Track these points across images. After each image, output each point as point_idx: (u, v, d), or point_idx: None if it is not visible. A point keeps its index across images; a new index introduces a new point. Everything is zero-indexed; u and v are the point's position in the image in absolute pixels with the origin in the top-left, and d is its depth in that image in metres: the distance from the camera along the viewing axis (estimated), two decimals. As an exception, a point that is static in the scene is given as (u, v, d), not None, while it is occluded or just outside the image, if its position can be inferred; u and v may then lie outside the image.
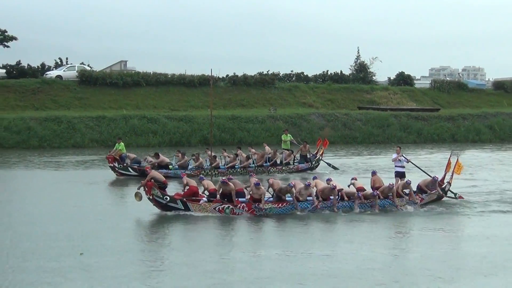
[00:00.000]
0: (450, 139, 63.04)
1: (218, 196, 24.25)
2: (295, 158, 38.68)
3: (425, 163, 38.93)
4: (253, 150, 38.41)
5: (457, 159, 27.33)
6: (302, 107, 66.49)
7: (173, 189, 27.10)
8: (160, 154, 36.62)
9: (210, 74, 40.00)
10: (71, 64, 71.80)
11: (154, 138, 54.72)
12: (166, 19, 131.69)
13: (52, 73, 67.97)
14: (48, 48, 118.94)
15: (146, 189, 23.60)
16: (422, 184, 26.64)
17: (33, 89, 62.31)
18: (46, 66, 74.56)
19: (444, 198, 27.06)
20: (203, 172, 34.58)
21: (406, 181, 26.10)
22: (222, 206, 23.85)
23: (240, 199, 24.25)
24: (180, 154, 36.60)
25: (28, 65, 72.34)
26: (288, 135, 41.31)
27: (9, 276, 16.65)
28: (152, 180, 24.06)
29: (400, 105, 70.26)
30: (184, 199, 23.95)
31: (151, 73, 68.01)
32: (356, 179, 27.02)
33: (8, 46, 70.26)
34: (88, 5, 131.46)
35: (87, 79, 64.65)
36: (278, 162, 37.74)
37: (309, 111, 64.70)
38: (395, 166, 29.42)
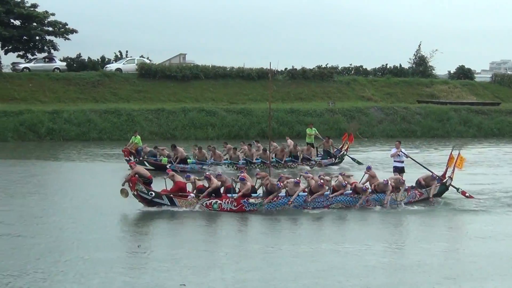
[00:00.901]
0: (511, 133, 61.86)
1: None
2: (318, 153, 38.32)
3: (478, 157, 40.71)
4: (275, 144, 37.36)
5: (459, 153, 27.32)
6: (361, 101, 65.99)
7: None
8: (177, 147, 36.27)
9: (269, 68, 40.15)
10: (131, 57, 72.48)
11: (212, 131, 54.78)
12: (225, 13, 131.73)
13: (112, 66, 68.64)
14: (108, 41, 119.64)
15: (131, 184, 23.37)
16: (422, 179, 26.60)
17: (93, 82, 62.86)
18: (106, 59, 75.19)
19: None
20: (221, 166, 34.57)
21: (400, 179, 25.74)
22: (210, 201, 23.63)
23: (228, 194, 24.08)
24: (197, 149, 36.08)
25: (89, 58, 73.15)
26: (313, 129, 40.87)
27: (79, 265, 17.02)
28: (137, 175, 23.78)
29: (460, 99, 68.84)
30: (171, 195, 23.76)
31: (210, 66, 68.14)
32: (344, 174, 26.57)
33: (68, 39, 69.66)
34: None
35: (147, 72, 65.12)
36: (300, 156, 36.84)
37: (368, 105, 64.14)
38: (394, 161, 29.00)
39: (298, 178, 25.22)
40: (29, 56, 69.08)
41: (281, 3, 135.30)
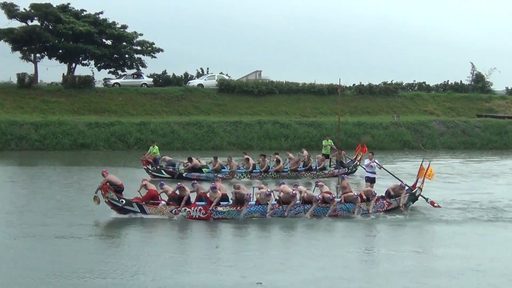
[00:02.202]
0: None
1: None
2: (331, 163, 38.14)
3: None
4: (291, 155, 37.80)
5: (429, 164, 26.66)
6: (424, 115, 67.12)
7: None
8: (193, 159, 36.17)
9: (338, 84, 41.80)
10: (211, 73, 73.58)
11: (285, 142, 56.19)
12: (298, 33, 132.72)
13: (194, 82, 70.52)
14: (191, 58, 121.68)
15: (103, 192, 23.16)
16: (391, 189, 25.84)
17: (177, 96, 64.91)
18: (189, 75, 76.51)
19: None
20: (236, 176, 34.56)
21: (372, 192, 24.97)
22: (178, 208, 23.07)
23: (198, 202, 23.50)
24: (213, 159, 36.02)
25: (173, 74, 75.03)
26: (329, 140, 40.83)
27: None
28: (108, 183, 23.37)
29: (517, 114, 69.51)
30: (141, 202, 23.43)
31: (284, 82, 69.47)
32: (320, 183, 25.66)
33: (155, 57, 72.35)
34: (227, 18, 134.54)
35: (226, 87, 66.82)
36: (313, 167, 36.81)
37: (430, 118, 65.37)
38: (367, 171, 28.73)
39: (269, 190, 24.03)
40: (119, 72, 71.89)
41: (349, 23, 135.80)
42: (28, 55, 68.15)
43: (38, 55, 68.70)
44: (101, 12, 70.15)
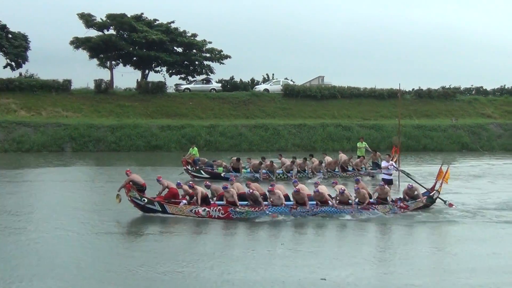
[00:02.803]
0: None
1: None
2: (368, 165, 37.68)
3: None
4: (327, 157, 37.74)
5: (448, 168, 26.26)
6: (481, 118, 66.91)
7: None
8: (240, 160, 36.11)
9: (398, 88, 42.34)
10: (277, 79, 74.28)
11: (347, 143, 56.37)
12: (359, 37, 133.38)
13: (260, 87, 71.54)
14: (257, 65, 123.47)
15: (126, 190, 23.10)
16: (405, 191, 25.26)
17: (244, 100, 66.03)
18: (255, 81, 77.67)
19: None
20: (272, 176, 34.38)
21: (387, 192, 24.39)
22: (198, 208, 22.85)
23: (217, 202, 23.40)
24: (250, 160, 36.18)
25: (240, 80, 76.56)
26: (364, 143, 40.53)
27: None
28: (131, 182, 23.31)
29: None
30: (162, 201, 23.24)
31: (346, 87, 70.01)
32: (336, 183, 25.77)
33: (223, 64, 73.17)
34: (291, 27, 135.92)
35: (290, 92, 67.49)
36: (350, 168, 36.62)
37: (488, 121, 65.20)
38: (383, 173, 28.47)
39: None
40: (190, 78, 73.04)
41: (409, 29, 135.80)
42: (105, 62, 70.07)
43: (114, 62, 70.64)
44: (173, 21, 71.20)
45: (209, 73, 72.95)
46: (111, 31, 69.79)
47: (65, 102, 61.44)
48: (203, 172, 35.45)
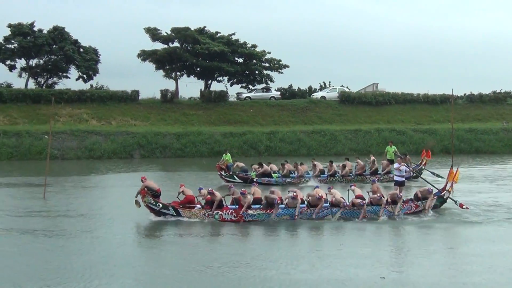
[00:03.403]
0: None
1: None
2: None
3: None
4: (359, 160, 37.58)
5: (457, 169, 26.16)
6: (533, 121, 66.55)
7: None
8: (264, 164, 36.12)
9: (450, 94, 42.49)
10: (333, 86, 75.26)
11: (402, 147, 54.93)
12: (411, 45, 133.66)
13: (318, 94, 72.29)
14: (314, 73, 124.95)
15: (141, 196, 23.35)
16: (419, 192, 25.24)
17: (302, 107, 66.88)
18: (313, 89, 78.71)
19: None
20: (303, 180, 34.60)
21: (397, 195, 24.27)
22: (211, 212, 23.09)
23: (229, 206, 23.62)
24: (281, 165, 35.90)
25: (298, 88, 77.60)
26: (393, 146, 39.85)
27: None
28: (146, 188, 23.46)
29: None
30: (177, 206, 23.40)
31: (399, 93, 70.67)
32: (355, 185, 25.91)
33: (282, 73, 73.68)
34: (346, 37, 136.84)
35: (346, 98, 68.46)
36: (379, 171, 36.17)
37: (540, 124, 64.68)
38: (395, 175, 28.00)
39: (293, 193, 24.02)
40: (250, 87, 74.03)
41: (460, 37, 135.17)
42: (170, 73, 71.54)
43: (178, 73, 72.11)
44: (234, 34, 71.95)
45: (269, 82, 73.70)
46: (176, 44, 70.84)
47: (134, 112, 62.80)
48: (236, 177, 35.64)
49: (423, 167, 37.02)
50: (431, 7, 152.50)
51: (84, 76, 70.99)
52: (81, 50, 70.57)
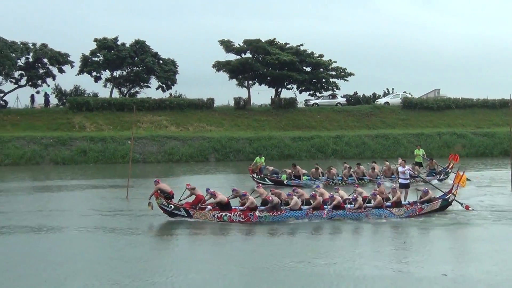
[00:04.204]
0: None
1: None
2: (424, 171, 37.06)
3: None
4: (387, 163, 37.21)
5: (463, 173, 26.23)
6: None
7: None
8: (297, 166, 36.26)
9: (509, 98, 42.07)
10: (396, 93, 76.09)
11: (462, 150, 56.60)
12: (471, 53, 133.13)
13: (381, 100, 73.18)
14: (378, 80, 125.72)
15: (155, 198, 23.47)
16: (421, 195, 25.14)
17: (366, 113, 67.79)
18: (377, 95, 78.96)
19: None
20: (332, 183, 34.07)
21: (399, 196, 24.58)
22: (220, 213, 22.97)
23: (238, 207, 23.44)
24: (314, 169, 35.87)
25: (363, 94, 78.05)
26: (421, 150, 39.77)
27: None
28: (159, 191, 23.59)
29: None
30: (188, 207, 23.40)
31: (460, 98, 70.83)
32: (357, 187, 26.18)
33: (347, 80, 74.08)
34: (408, 45, 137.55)
35: (409, 104, 69.06)
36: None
37: None
38: (400, 178, 27.91)
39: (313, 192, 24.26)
40: (317, 94, 74.49)
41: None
42: (243, 82, 72.85)
43: (250, 82, 73.31)
44: (302, 44, 72.66)
45: (335, 89, 73.95)
46: (248, 55, 71.86)
47: (209, 118, 63.87)
48: (267, 180, 35.65)
49: (450, 170, 37.06)
50: (489, 17, 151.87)
51: (164, 85, 72.33)
52: (161, 61, 71.94)
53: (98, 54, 69.93)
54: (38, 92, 69.60)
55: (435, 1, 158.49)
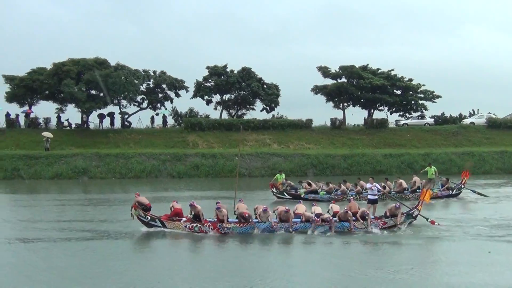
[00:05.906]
0: None
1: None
2: (436, 186, 37.05)
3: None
4: (400, 180, 36.60)
5: (428, 189, 26.22)
6: None
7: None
8: (312, 183, 36.28)
9: None
10: (481, 113, 75.50)
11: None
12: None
13: (467, 120, 73.34)
14: (464, 102, 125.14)
15: (134, 210, 23.63)
16: (388, 210, 24.83)
17: (453, 132, 68.16)
18: (463, 116, 78.54)
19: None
20: (345, 197, 33.18)
21: (365, 212, 24.18)
22: (192, 224, 23.18)
23: (208, 219, 23.51)
24: (327, 184, 35.91)
25: (450, 115, 77.76)
26: (432, 167, 38.22)
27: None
28: (137, 203, 23.79)
29: None
30: (163, 219, 23.55)
31: None
32: (334, 203, 26.52)
33: (435, 102, 74.14)
34: (492, 67, 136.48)
35: (493, 124, 69.59)
36: (418, 190, 34.57)
37: None
38: (368, 194, 27.33)
39: (265, 206, 24.11)
40: (407, 115, 74.38)
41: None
42: (338, 104, 73.58)
43: (345, 104, 73.91)
44: (392, 69, 73.27)
45: (423, 110, 73.84)
46: (343, 79, 72.54)
47: (308, 137, 64.97)
48: (286, 194, 35.61)
49: (462, 186, 37.22)
50: None
51: (267, 107, 73.27)
52: (265, 86, 73.16)
53: (210, 80, 72.27)
54: (157, 114, 72.54)
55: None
